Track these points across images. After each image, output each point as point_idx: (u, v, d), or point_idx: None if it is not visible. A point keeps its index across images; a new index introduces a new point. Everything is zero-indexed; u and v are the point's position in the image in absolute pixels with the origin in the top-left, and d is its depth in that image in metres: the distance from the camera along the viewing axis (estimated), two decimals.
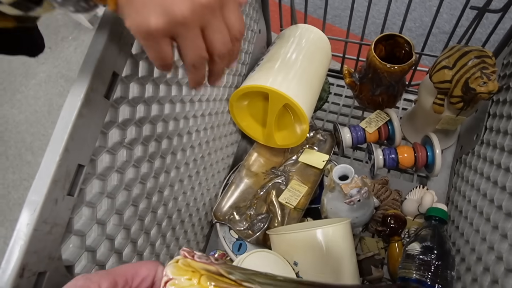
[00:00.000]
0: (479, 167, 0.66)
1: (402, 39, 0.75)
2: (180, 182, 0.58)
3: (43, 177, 0.32)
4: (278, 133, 0.73)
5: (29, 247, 0.30)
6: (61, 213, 0.34)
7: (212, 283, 0.27)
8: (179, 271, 0.27)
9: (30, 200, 0.31)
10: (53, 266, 0.34)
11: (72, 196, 0.35)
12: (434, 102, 0.70)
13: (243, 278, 0.28)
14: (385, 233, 0.67)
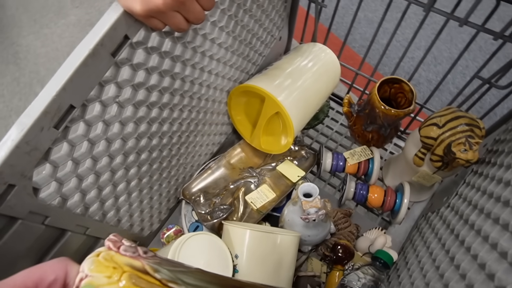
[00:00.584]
0: (438, 228, 0.72)
1: (407, 86, 0.80)
2: (160, 151, 0.64)
3: (37, 106, 0.38)
4: (265, 137, 0.79)
5: (7, 159, 0.36)
6: (43, 141, 0.40)
7: (134, 282, 0.26)
8: (98, 267, 0.26)
9: (20, 121, 0.37)
10: (23, 184, 0.40)
11: (56, 130, 0.41)
12: (416, 154, 0.75)
13: (170, 277, 0.27)
14: (331, 259, 0.72)
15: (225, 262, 0.58)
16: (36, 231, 0.46)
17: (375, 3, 1.70)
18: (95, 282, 0.25)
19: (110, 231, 0.62)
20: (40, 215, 0.45)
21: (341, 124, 0.97)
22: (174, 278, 0.27)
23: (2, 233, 0.42)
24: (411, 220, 0.86)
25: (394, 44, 1.54)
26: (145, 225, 0.72)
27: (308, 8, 0.87)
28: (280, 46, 0.91)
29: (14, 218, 0.42)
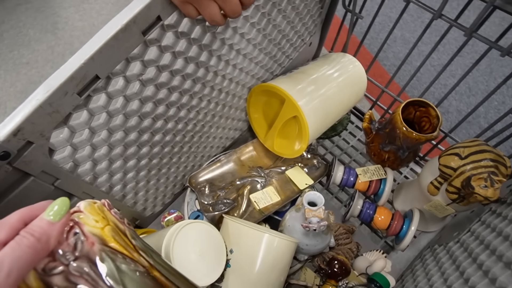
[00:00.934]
0: (443, 262, 0.72)
1: (434, 112, 0.80)
2: (173, 135, 0.66)
3: (64, 71, 0.41)
4: (279, 139, 0.81)
5: (30, 116, 0.40)
6: (65, 105, 0.43)
7: (113, 235, 0.30)
8: (91, 210, 0.30)
9: (47, 83, 0.41)
10: (40, 143, 0.43)
11: (79, 97, 0.44)
12: (431, 182, 0.76)
13: (143, 247, 0.31)
14: (325, 272, 0.74)
15: (219, 255, 0.61)
16: (45, 191, 0.49)
17: (415, 24, 1.70)
18: (85, 219, 0.30)
19: (114, 205, 0.65)
20: (51, 176, 0.48)
21: (358, 139, 0.98)
22: (145, 249, 0.31)
23: (14, 186, 0.45)
24: (415, 249, 0.86)
25: (427, 68, 1.54)
26: (148, 205, 0.75)
27: (344, 17, 0.89)
28: (309, 51, 0.93)
29: (27, 174, 0.45)
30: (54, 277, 0.28)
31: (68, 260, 0.29)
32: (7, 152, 0.40)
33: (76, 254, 0.29)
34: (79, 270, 0.29)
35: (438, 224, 0.87)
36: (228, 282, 0.62)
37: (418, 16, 1.72)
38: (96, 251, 0.29)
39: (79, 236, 0.30)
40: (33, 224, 0.28)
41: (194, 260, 0.57)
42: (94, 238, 0.30)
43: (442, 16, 0.71)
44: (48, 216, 0.29)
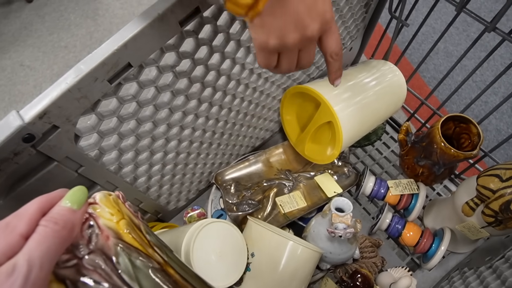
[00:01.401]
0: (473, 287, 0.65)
1: (475, 129, 0.73)
2: (203, 131, 0.63)
3: (96, 56, 0.37)
4: (310, 144, 0.75)
5: (57, 100, 0.37)
6: (94, 91, 0.40)
7: (128, 230, 0.28)
8: (107, 203, 0.29)
9: (78, 67, 0.37)
10: (66, 128, 0.40)
11: (109, 84, 0.40)
12: (467, 203, 0.69)
13: (156, 242, 0.29)
14: (347, 285, 0.68)
15: (239, 257, 0.56)
16: (68, 177, 0.46)
17: (460, 37, 1.59)
18: (100, 212, 0.28)
19: (138, 196, 0.62)
20: (75, 163, 0.45)
21: (392, 151, 0.91)
22: (159, 245, 0.29)
23: (37, 170, 0.42)
24: (442, 270, 0.79)
25: (469, 84, 1.43)
26: (172, 200, 0.72)
27: (387, 25, 0.82)
28: (349, 57, 0.87)
29: (51, 159, 0.42)
30: (67, 269, 0.26)
31: (82, 253, 0.27)
32: (32, 134, 0.37)
33: (90, 248, 0.27)
34: (92, 264, 0.27)
35: (469, 246, 0.79)
36: (246, 286, 0.58)
37: (464, 29, 1.61)
38: (111, 245, 0.27)
39: (94, 229, 0.28)
40: (54, 212, 0.26)
41: (214, 260, 0.53)
42: (109, 232, 0.28)
43: (496, 30, 0.64)
44: (67, 204, 0.26)
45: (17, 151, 0.38)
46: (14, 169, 0.39)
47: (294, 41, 0.35)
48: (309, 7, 0.34)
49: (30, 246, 0.23)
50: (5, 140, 0.35)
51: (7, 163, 0.38)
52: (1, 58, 1.79)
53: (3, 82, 1.72)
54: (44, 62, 1.77)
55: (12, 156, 0.38)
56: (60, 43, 1.83)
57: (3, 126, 0.35)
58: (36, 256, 0.22)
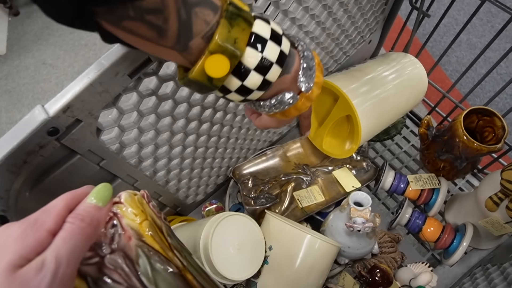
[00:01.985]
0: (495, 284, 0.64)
1: (500, 122, 0.71)
2: (221, 126, 0.63)
3: (116, 51, 0.38)
4: (328, 138, 0.75)
5: (80, 94, 0.38)
6: (115, 85, 0.40)
7: (150, 232, 0.28)
8: (131, 203, 0.29)
9: (99, 62, 0.38)
10: (89, 121, 0.41)
11: (130, 78, 0.41)
12: (491, 197, 0.67)
13: (176, 245, 0.30)
14: (365, 280, 0.68)
15: (257, 250, 0.57)
16: (91, 169, 0.47)
17: (483, 28, 1.54)
18: (124, 212, 0.28)
19: (157, 190, 0.63)
20: (97, 156, 0.47)
21: (412, 145, 0.90)
22: (179, 248, 0.29)
23: (61, 163, 0.44)
24: (464, 266, 0.77)
25: (493, 76, 1.39)
26: (190, 193, 0.73)
27: (408, 17, 0.81)
28: (368, 50, 0.86)
29: (74, 152, 0.44)
30: (89, 266, 0.27)
31: (104, 252, 0.28)
32: (56, 128, 0.38)
33: (112, 247, 0.28)
34: (113, 264, 0.27)
35: (492, 242, 0.78)
36: (264, 279, 0.58)
37: (488, 20, 1.56)
38: (133, 246, 0.28)
39: (117, 229, 0.28)
40: (81, 209, 0.26)
41: (232, 253, 0.53)
42: (131, 232, 0.28)
43: None
44: (93, 201, 0.27)
45: (42, 144, 0.39)
46: (39, 161, 0.40)
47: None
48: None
49: (57, 243, 0.24)
50: (31, 133, 0.36)
51: (33, 155, 0.39)
52: (25, 57, 1.85)
53: (27, 80, 1.77)
54: (66, 60, 1.81)
55: (37, 149, 0.39)
56: (80, 41, 1.87)
57: (29, 120, 0.37)
58: (63, 253, 0.23)
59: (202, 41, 0.29)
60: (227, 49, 0.29)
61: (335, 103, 0.68)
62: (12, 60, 1.85)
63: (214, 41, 0.28)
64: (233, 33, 0.29)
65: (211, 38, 0.29)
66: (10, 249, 0.23)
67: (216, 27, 0.29)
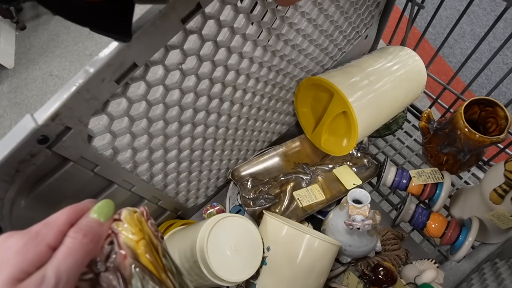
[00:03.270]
0: (503, 278, 0.62)
1: (503, 112, 0.70)
2: (216, 128, 0.64)
3: (101, 58, 0.39)
4: (327, 136, 0.75)
5: (67, 102, 0.39)
6: (102, 92, 0.41)
7: (146, 252, 0.28)
8: (131, 221, 0.29)
9: (85, 69, 0.39)
10: (79, 128, 0.42)
11: (117, 84, 0.42)
12: (495, 189, 0.66)
13: (169, 266, 0.30)
14: (369, 278, 0.67)
15: (255, 251, 0.57)
16: (85, 176, 0.48)
17: (487, 18, 1.51)
18: (123, 230, 0.28)
19: (156, 194, 0.64)
20: (90, 162, 0.47)
21: (414, 139, 0.89)
22: (172, 270, 0.30)
23: (54, 170, 0.45)
24: (472, 262, 0.76)
25: (499, 66, 1.37)
26: (190, 197, 0.73)
27: (404, 8, 0.80)
28: (365, 45, 0.86)
29: (67, 159, 0.44)
30: (83, 282, 0.27)
31: (99, 269, 0.28)
32: (46, 136, 0.39)
33: (107, 264, 0.28)
34: (107, 282, 0.27)
35: (500, 236, 0.76)
36: (263, 280, 0.58)
37: (492, 9, 1.53)
38: (127, 265, 0.28)
39: (113, 246, 0.28)
40: (83, 224, 0.26)
41: (229, 254, 0.54)
42: (127, 251, 0.28)
43: None
44: (95, 216, 0.27)
45: (34, 153, 0.40)
46: (32, 170, 0.41)
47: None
48: None
49: (58, 258, 0.24)
50: (21, 142, 0.37)
51: (26, 164, 0.40)
52: (32, 69, 1.89)
53: (35, 92, 1.81)
54: (71, 71, 1.85)
55: (29, 157, 0.40)
56: (85, 52, 1.90)
57: (18, 129, 0.38)
58: (63, 269, 0.23)
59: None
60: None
61: (332, 100, 0.68)
62: (20, 73, 1.90)
63: None
64: None
65: None
66: (10, 262, 0.23)
67: None
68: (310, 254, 0.58)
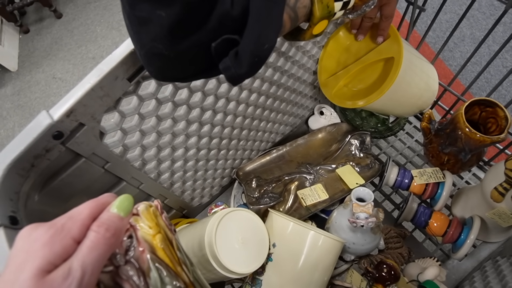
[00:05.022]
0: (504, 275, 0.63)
1: (503, 112, 0.71)
2: (222, 127, 0.65)
3: (115, 57, 0.41)
4: (341, 85, 0.73)
5: (82, 99, 0.40)
6: (115, 89, 0.43)
7: (162, 245, 0.29)
8: (147, 215, 0.30)
9: (99, 67, 0.41)
10: (92, 125, 0.44)
11: (129, 82, 0.44)
12: (496, 188, 0.67)
13: (183, 259, 0.31)
14: (372, 276, 0.68)
15: (261, 245, 0.58)
16: (96, 172, 0.50)
17: (487, 21, 1.53)
18: (141, 224, 0.30)
19: (162, 192, 0.65)
20: (101, 159, 0.49)
21: (416, 140, 0.90)
22: (186, 263, 0.31)
23: (67, 166, 0.46)
24: (474, 260, 0.77)
25: (499, 69, 1.38)
26: (195, 196, 0.75)
27: (405, 11, 0.82)
28: None
29: (79, 155, 0.46)
30: (103, 274, 0.28)
31: (119, 262, 0.29)
32: (61, 132, 0.41)
33: (126, 258, 0.29)
34: (127, 274, 0.28)
35: (501, 234, 0.77)
36: (269, 275, 0.59)
37: (491, 13, 1.55)
38: (145, 259, 0.29)
39: (132, 240, 0.29)
40: (105, 218, 0.27)
41: (237, 247, 0.55)
42: (145, 245, 0.29)
43: None
44: (115, 210, 0.28)
45: (49, 148, 0.41)
46: (46, 165, 0.43)
47: None
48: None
49: (83, 251, 0.25)
50: (37, 137, 0.39)
51: (40, 159, 0.42)
52: (36, 72, 1.91)
53: (38, 95, 1.82)
54: (75, 74, 1.87)
55: (44, 152, 0.41)
56: (88, 55, 1.92)
57: (35, 124, 0.39)
58: (88, 262, 0.24)
59: (304, 18, 0.39)
60: (324, 15, 0.39)
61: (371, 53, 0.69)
62: (24, 76, 1.91)
63: (316, 17, 0.39)
64: (324, 1, 0.38)
65: (310, 14, 0.39)
66: (38, 254, 0.24)
67: (311, 5, 0.38)
68: (315, 251, 0.59)
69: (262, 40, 0.33)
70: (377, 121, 0.88)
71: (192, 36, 0.32)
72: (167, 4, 0.30)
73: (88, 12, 2.09)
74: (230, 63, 0.33)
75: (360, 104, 0.68)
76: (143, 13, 0.31)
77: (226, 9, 0.32)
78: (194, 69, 0.36)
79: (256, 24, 0.32)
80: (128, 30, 0.35)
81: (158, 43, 0.32)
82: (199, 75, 0.38)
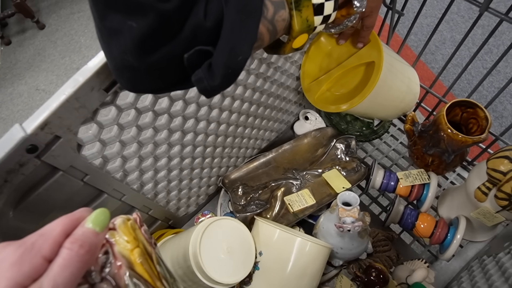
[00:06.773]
0: (491, 274, 0.63)
1: (483, 113, 0.72)
2: (205, 135, 0.64)
3: (91, 66, 0.39)
4: (324, 89, 0.73)
5: (57, 110, 0.39)
6: (92, 100, 0.41)
7: (140, 260, 0.28)
8: (125, 229, 0.29)
9: (74, 78, 0.39)
10: (68, 137, 0.42)
11: (106, 92, 0.42)
12: (479, 188, 0.67)
13: (164, 273, 0.30)
14: (361, 280, 0.67)
15: (247, 253, 0.57)
16: (75, 186, 0.48)
17: (466, 25, 1.56)
18: (118, 239, 0.28)
19: (146, 203, 0.64)
20: (80, 172, 0.47)
21: (401, 143, 0.91)
22: (166, 277, 0.30)
23: (44, 180, 0.45)
24: (462, 260, 0.77)
25: (480, 71, 1.41)
26: (181, 205, 0.73)
27: (385, 15, 0.82)
28: None
29: (56, 169, 0.44)
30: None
31: (94, 280, 0.27)
32: (35, 145, 0.39)
33: (102, 275, 0.27)
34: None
35: (487, 233, 0.78)
36: (256, 285, 0.58)
37: (470, 17, 1.58)
38: (122, 275, 0.27)
39: (108, 256, 0.28)
40: (79, 234, 0.26)
41: (222, 257, 0.54)
42: (122, 260, 0.28)
43: (489, 9, 0.63)
44: (90, 226, 0.26)
45: (22, 162, 0.40)
46: (21, 180, 0.41)
47: None
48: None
49: (54, 270, 0.23)
50: (9, 151, 0.37)
51: (14, 174, 0.40)
52: (18, 84, 1.87)
53: (20, 107, 1.79)
54: (58, 85, 1.84)
55: (18, 167, 0.40)
56: (72, 65, 1.89)
57: (7, 138, 0.38)
58: (60, 281, 0.23)
59: (284, 32, 0.39)
60: (304, 29, 0.38)
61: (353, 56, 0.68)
62: (6, 88, 1.87)
63: (295, 31, 0.38)
64: (303, 14, 0.37)
65: (290, 28, 0.38)
66: (5, 275, 0.22)
67: (290, 19, 0.37)
68: (302, 257, 0.58)
69: (235, 52, 0.32)
70: (362, 125, 0.88)
71: (164, 48, 0.31)
72: (140, 15, 0.29)
73: (71, 22, 2.06)
74: (203, 75, 0.33)
75: (343, 108, 0.68)
76: (114, 24, 0.30)
77: (200, 20, 0.31)
78: (166, 81, 0.35)
79: (230, 36, 0.32)
80: (100, 43, 0.34)
81: (128, 56, 0.31)
82: (172, 88, 0.37)
